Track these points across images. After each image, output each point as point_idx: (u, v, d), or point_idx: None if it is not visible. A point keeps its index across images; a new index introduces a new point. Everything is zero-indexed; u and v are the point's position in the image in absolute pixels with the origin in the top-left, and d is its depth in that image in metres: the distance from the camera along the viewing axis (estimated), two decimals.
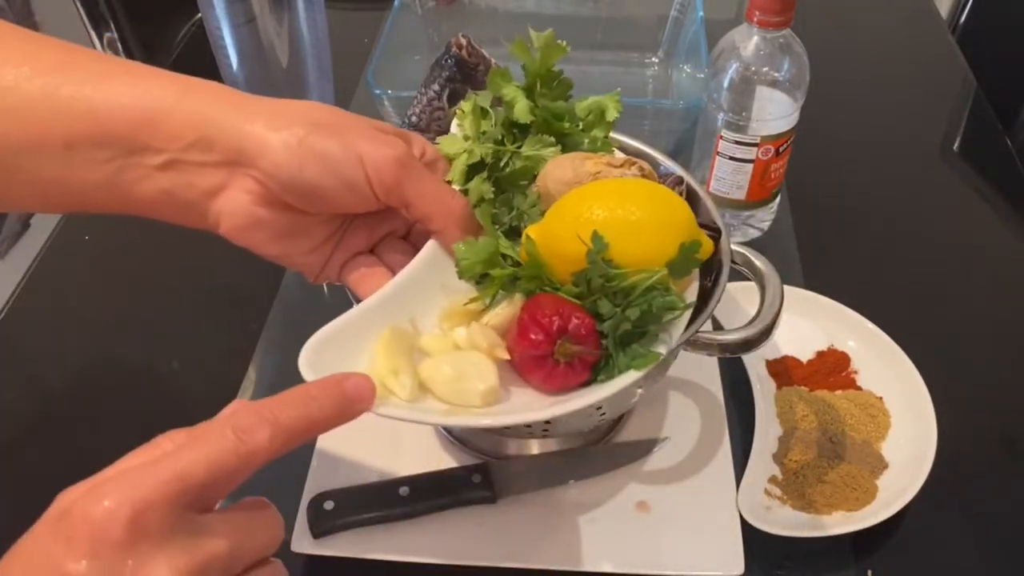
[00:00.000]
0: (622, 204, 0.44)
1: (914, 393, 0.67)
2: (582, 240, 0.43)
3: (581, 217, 0.44)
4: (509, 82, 0.52)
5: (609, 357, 0.44)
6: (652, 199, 0.46)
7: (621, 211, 0.44)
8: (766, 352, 0.71)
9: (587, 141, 0.53)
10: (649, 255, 0.45)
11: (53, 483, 0.67)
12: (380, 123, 0.50)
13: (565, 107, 0.52)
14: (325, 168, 0.45)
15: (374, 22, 1.02)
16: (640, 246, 0.44)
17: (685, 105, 0.82)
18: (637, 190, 0.46)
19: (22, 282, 0.80)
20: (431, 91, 0.58)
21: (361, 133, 0.46)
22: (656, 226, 0.45)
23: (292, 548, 0.58)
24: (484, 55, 0.57)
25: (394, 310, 0.48)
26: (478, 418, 0.46)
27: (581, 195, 0.46)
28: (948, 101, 1.06)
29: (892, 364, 0.69)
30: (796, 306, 0.72)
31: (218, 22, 0.82)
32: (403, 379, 0.46)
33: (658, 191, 0.47)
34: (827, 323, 0.73)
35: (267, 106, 0.47)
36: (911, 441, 0.64)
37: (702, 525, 0.60)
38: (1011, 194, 0.91)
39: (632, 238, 0.44)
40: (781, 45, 0.73)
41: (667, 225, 0.45)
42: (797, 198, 0.87)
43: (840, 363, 0.71)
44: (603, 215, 0.44)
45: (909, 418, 0.66)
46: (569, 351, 0.44)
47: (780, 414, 0.67)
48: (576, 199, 0.46)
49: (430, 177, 0.48)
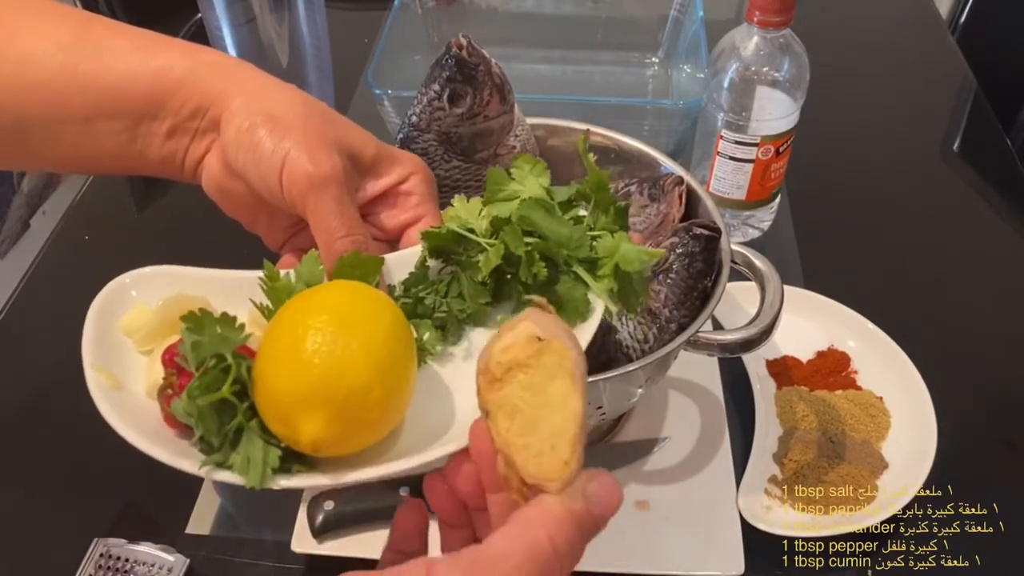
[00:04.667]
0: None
1: (914, 393, 0.66)
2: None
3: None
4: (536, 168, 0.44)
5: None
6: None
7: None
8: (766, 352, 0.71)
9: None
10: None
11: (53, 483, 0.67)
12: (358, 136, 0.48)
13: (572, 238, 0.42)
14: (252, 161, 0.45)
15: (374, 22, 1.02)
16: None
17: (685, 105, 0.82)
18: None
19: (22, 282, 0.80)
20: (431, 91, 0.58)
21: (305, 139, 0.45)
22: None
23: (292, 548, 0.58)
24: (484, 55, 0.57)
25: (218, 290, 0.43)
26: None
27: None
28: (948, 101, 1.06)
29: (892, 364, 0.69)
30: (796, 306, 0.71)
31: (218, 22, 0.82)
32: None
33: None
34: (827, 323, 0.73)
35: (256, 83, 0.48)
36: (911, 441, 0.64)
37: (702, 525, 0.60)
38: (1011, 194, 0.91)
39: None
40: (781, 45, 0.73)
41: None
42: (797, 198, 0.87)
43: (840, 363, 0.71)
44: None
45: (909, 418, 0.66)
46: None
47: (780, 414, 0.67)
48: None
49: (334, 209, 0.44)
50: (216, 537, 0.62)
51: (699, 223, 0.55)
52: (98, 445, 0.67)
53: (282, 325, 0.36)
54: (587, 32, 1.02)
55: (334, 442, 0.35)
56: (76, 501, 0.65)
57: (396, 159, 0.49)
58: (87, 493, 0.65)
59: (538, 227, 0.40)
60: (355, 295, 0.38)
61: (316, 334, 0.34)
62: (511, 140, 0.60)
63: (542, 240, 0.41)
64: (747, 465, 0.63)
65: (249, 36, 0.84)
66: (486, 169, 0.60)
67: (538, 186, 0.43)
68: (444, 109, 0.57)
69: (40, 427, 0.69)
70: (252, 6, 0.82)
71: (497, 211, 0.41)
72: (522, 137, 0.61)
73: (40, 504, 0.65)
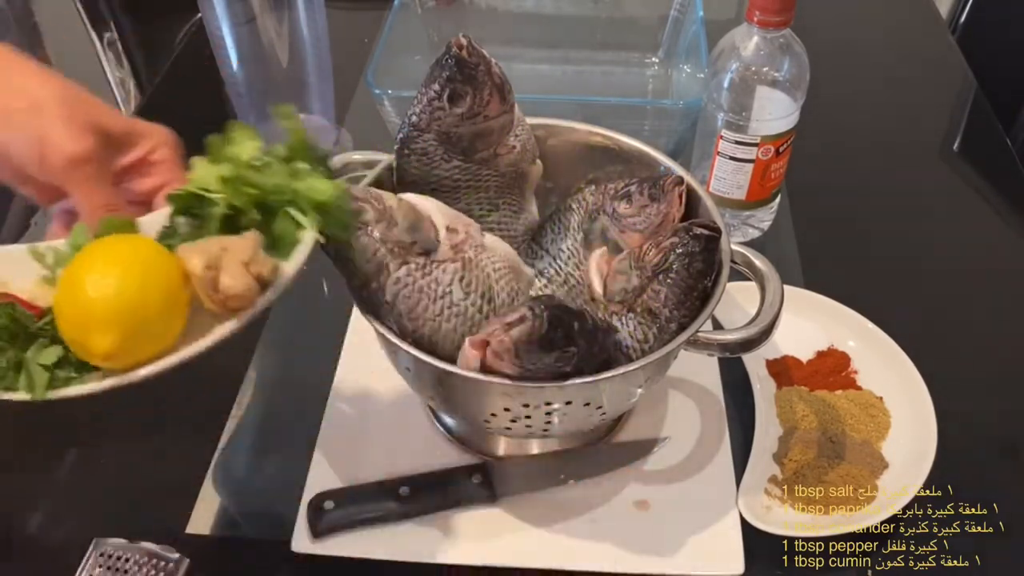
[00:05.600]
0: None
1: (914, 393, 0.66)
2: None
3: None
4: (251, 139, 0.54)
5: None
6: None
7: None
8: (766, 352, 0.71)
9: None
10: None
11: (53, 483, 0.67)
12: (109, 114, 0.53)
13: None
14: (11, 139, 0.50)
15: (374, 22, 1.02)
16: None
17: (685, 105, 0.82)
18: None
19: None
20: (431, 91, 0.58)
21: (60, 121, 0.50)
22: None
23: (292, 548, 0.58)
24: (484, 55, 0.57)
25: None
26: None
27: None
28: (948, 101, 1.06)
29: (892, 364, 0.69)
30: (796, 306, 0.71)
31: (218, 22, 0.82)
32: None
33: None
34: (827, 323, 0.73)
35: (10, 64, 0.52)
36: (911, 441, 0.64)
37: (702, 525, 0.60)
38: (1011, 194, 0.91)
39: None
40: (781, 45, 0.73)
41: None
42: (797, 198, 0.87)
43: (840, 363, 0.71)
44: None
45: (909, 418, 0.66)
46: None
47: (780, 414, 0.67)
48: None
49: (92, 186, 0.51)
50: (216, 537, 0.62)
51: (699, 223, 0.55)
52: (98, 445, 0.67)
53: (73, 271, 0.46)
54: (587, 32, 1.02)
55: (122, 352, 0.45)
56: (76, 501, 0.65)
57: (144, 132, 0.55)
58: (87, 493, 0.65)
59: (252, 182, 0.50)
60: (124, 242, 0.48)
61: (98, 273, 0.45)
62: (511, 140, 0.60)
63: (256, 191, 0.51)
64: (747, 465, 0.63)
65: (249, 36, 0.84)
66: (486, 169, 0.61)
67: (252, 148, 0.52)
68: (444, 109, 0.58)
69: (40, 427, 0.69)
70: (252, 6, 0.82)
71: (221, 172, 0.51)
72: (522, 137, 0.61)
73: (40, 504, 0.65)
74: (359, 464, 0.63)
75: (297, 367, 0.74)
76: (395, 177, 0.62)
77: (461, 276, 0.54)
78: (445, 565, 0.58)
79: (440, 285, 0.53)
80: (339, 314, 0.74)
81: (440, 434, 0.66)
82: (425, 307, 0.53)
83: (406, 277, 0.53)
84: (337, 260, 0.53)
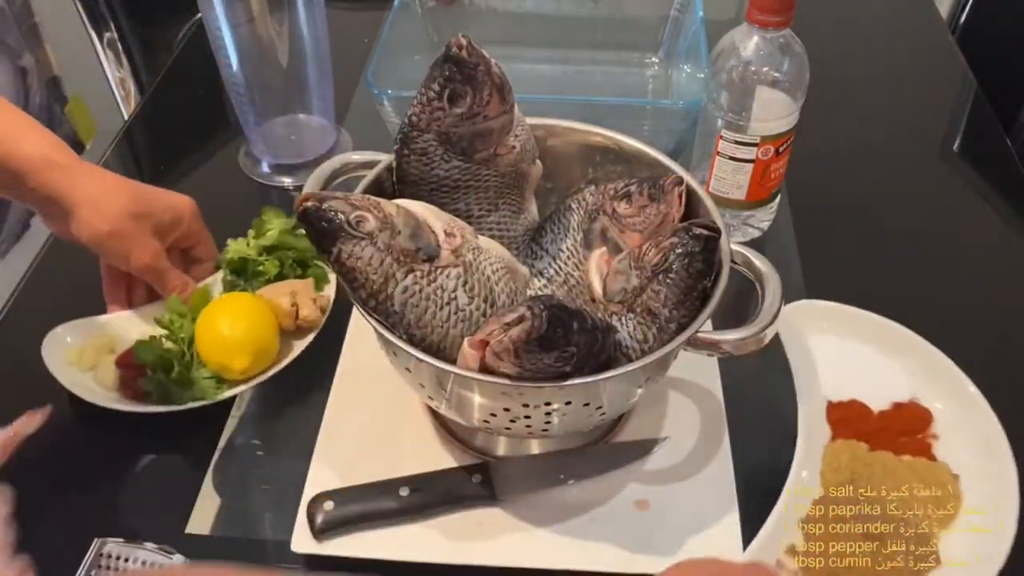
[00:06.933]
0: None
1: (1000, 476, 0.55)
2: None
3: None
4: (278, 216, 0.78)
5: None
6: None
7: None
8: (832, 391, 0.60)
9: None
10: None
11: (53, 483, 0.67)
12: (161, 209, 0.71)
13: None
14: (103, 254, 0.71)
15: (374, 22, 1.02)
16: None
17: (685, 105, 0.82)
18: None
19: (22, 282, 0.80)
20: (431, 91, 0.58)
21: (134, 236, 0.68)
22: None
23: (292, 548, 0.58)
24: (484, 55, 0.57)
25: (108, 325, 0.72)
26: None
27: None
28: (948, 101, 1.06)
29: (981, 435, 0.57)
30: (880, 340, 0.61)
31: (218, 22, 0.82)
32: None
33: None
34: (916, 369, 0.62)
35: (90, 188, 0.67)
36: (978, 540, 0.53)
37: (702, 525, 0.60)
38: (1011, 194, 0.91)
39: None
40: (781, 45, 0.73)
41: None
42: (797, 198, 0.87)
43: (918, 422, 0.59)
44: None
45: (985, 507, 0.54)
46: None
47: (825, 472, 0.56)
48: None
49: (166, 278, 0.71)
50: (216, 537, 0.62)
51: (699, 223, 0.55)
52: (99, 445, 0.67)
53: (211, 320, 0.68)
54: (587, 32, 1.02)
55: (251, 367, 0.67)
56: (76, 501, 0.65)
57: (182, 217, 0.71)
58: (87, 493, 0.65)
59: (291, 246, 0.76)
60: (239, 298, 0.71)
61: (229, 318, 0.68)
62: (511, 140, 0.60)
63: (293, 250, 0.76)
64: (766, 521, 0.54)
65: (249, 36, 0.84)
66: (486, 169, 0.61)
67: (283, 224, 0.77)
68: (444, 109, 0.57)
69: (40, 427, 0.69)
70: (252, 6, 0.82)
71: (265, 242, 0.76)
72: (522, 137, 0.61)
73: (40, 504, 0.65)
74: (359, 464, 0.63)
75: (297, 367, 0.74)
76: (395, 177, 0.62)
77: (464, 280, 0.54)
78: (445, 565, 0.58)
79: (445, 291, 0.53)
80: (339, 314, 0.74)
81: (440, 434, 0.66)
82: (433, 314, 0.53)
83: (413, 285, 0.52)
84: (343, 274, 0.53)
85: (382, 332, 0.53)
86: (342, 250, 0.51)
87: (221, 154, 0.96)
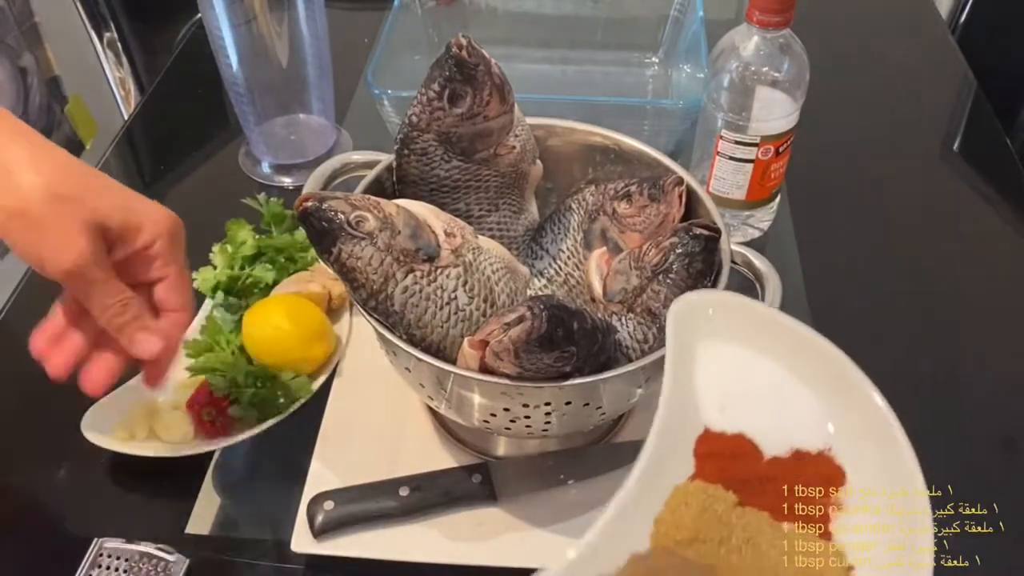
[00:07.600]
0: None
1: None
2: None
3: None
4: (243, 227, 0.76)
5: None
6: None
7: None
8: (713, 416, 0.44)
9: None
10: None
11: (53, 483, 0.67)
12: (108, 205, 0.48)
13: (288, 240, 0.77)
14: (14, 250, 0.48)
15: (374, 22, 1.02)
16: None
17: (685, 105, 0.82)
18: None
19: (22, 282, 0.80)
20: (431, 91, 0.58)
21: (56, 232, 0.47)
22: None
23: (292, 548, 0.58)
24: (484, 55, 0.57)
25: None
26: None
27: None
28: (948, 101, 1.06)
29: (908, 523, 0.40)
30: (803, 364, 0.44)
31: (218, 22, 0.82)
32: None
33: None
34: (842, 411, 0.43)
35: (5, 155, 0.47)
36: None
37: None
38: (1011, 194, 0.91)
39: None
40: (781, 45, 0.73)
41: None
42: (797, 198, 0.87)
43: (822, 481, 0.41)
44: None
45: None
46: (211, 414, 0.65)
47: (661, 520, 0.39)
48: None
49: (98, 297, 0.49)
50: (216, 537, 0.62)
51: (699, 223, 0.55)
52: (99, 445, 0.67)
53: (263, 322, 0.69)
54: (587, 32, 1.02)
55: (328, 350, 0.70)
56: (76, 501, 0.65)
57: (141, 225, 0.50)
58: (87, 493, 0.65)
59: (273, 244, 0.77)
60: (273, 300, 0.72)
61: (294, 315, 0.69)
62: (511, 140, 0.60)
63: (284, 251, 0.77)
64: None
65: (249, 36, 0.84)
66: (486, 169, 0.61)
67: (250, 233, 0.77)
68: (444, 109, 0.57)
69: (40, 427, 0.69)
70: (252, 6, 0.82)
71: (246, 252, 0.75)
72: (522, 137, 0.61)
73: (40, 504, 0.65)
74: (359, 464, 0.63)
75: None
76: (395, 177, 0.62)
77: (464, 280, 0.54)
78: (445, 565, 0.58)
79: (445, 291, 0.53)
80: (339, 314, 0.74)
81: (440, 434, 0.66)
82: (433, 314, 0.53)
83: (413, 285, 0.52)
84: (343, 274, 0.53)
85: (382, 332, 0.53)
86: (342, 250, 0.51)
87: (221, 154, 0.96)
